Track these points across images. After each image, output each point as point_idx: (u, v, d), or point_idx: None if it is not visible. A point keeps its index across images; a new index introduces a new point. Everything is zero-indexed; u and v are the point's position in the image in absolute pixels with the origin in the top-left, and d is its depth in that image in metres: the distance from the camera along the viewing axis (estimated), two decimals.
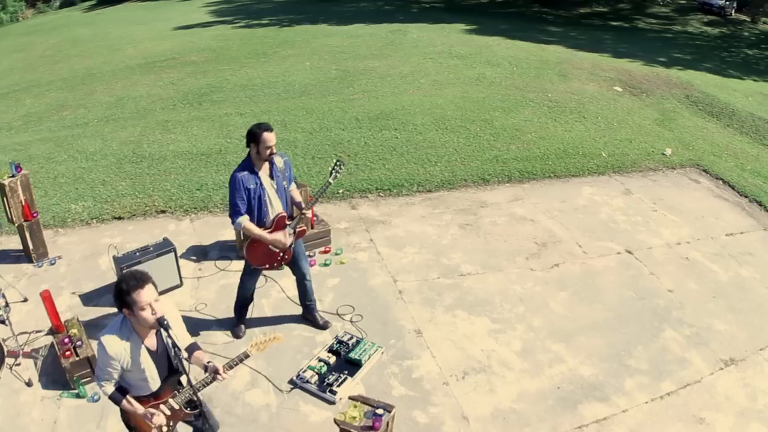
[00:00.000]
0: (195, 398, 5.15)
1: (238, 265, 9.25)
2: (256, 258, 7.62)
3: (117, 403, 5.18)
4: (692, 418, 6.85)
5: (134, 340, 5.01)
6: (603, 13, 30.74)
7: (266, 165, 7.30)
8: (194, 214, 11.50)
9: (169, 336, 4.92)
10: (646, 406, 6.99)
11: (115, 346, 4.93)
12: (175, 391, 5.37)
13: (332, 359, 7.71)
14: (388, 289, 9.06)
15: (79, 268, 10.06)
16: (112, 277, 9.09)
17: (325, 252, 9.94)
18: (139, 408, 5.21)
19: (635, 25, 28.92)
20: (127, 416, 5.42)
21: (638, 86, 17.39)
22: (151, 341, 5.11)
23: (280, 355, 7.94)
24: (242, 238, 8.12)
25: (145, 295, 4.77)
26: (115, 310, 5.46)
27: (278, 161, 7.39)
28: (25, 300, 9.47)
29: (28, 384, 7.98)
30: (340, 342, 7.94)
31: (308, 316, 8.42)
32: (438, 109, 15.50)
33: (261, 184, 7.25)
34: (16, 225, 10.42)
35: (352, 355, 7.65)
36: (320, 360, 7.70)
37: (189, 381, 5.07)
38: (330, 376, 7.40)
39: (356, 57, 21.49)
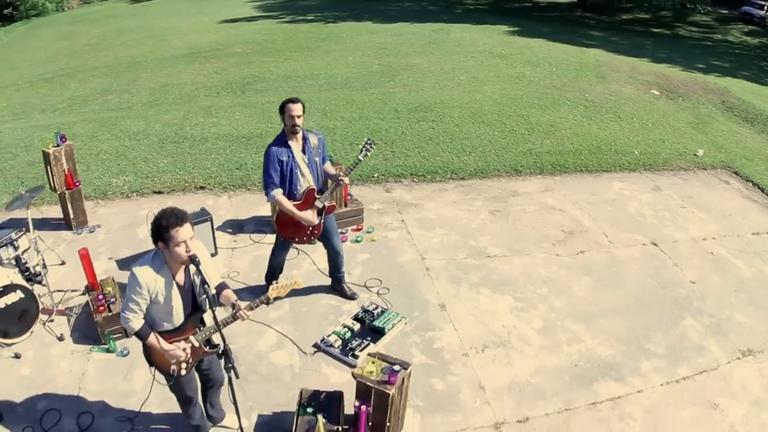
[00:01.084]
0: (219, 335, 5.26)
1: (272, 239, 9.39)
2: (285, 230, 7.80)
3: (143, 338, 5.34)
4: (706, 403, 6.85)
5: (165, 273, 5.19)
6: (645, 20, 30.54)
7: (299, 140, 7.47)
8: (232, 191, 11.72)
9: (200, 272, 5.07)
10: (661, 389, 7.01)
11: (147, 276, 5.10)
12: (197, 329, 5.52)
13: (356, 326, 7.86)
14: (415, 266, 9.19)
15: (117, 236, 10.29)
16: (149, 245, 9.32)
17: (358, 230, 10.08)
18: (164, 344, 5.36)
19: (676, 32, 28.71)
20: (149, 352, 5.58)
21: (675, 90, 17.30)
22: (180, 277, 5.28)
23: (306, 321, 8.12)
24: (276, 210, 8.26)
25: (183, 232, 4.95)
26: None
27: (312, 139, 7.56)
28: (63, 263, 9.69)
29: (60, 338, 8.17)
30: (365, 311, 8.08)
31: (337, 287, 8.58)
32: (476, 104, 15.57)
33: (293, 158, 7.42)
34: (58, 193, 10.65)
35: (376, 323, 7.78)
36: (345, 326, 7.86)
37: (214, 318, 5.21)
38: (353, 342, 7.54)
39: (399, 53, 21.57)
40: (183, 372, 5.62)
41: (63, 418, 6.91)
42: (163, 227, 4.96)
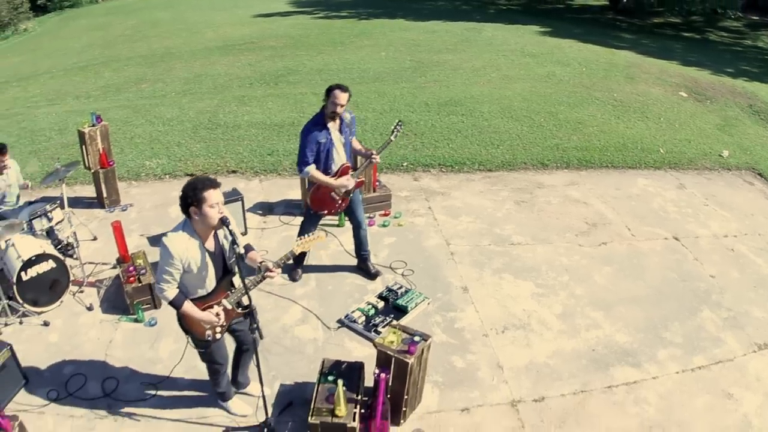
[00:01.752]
0: (246, 297, 5.40)
1: (300, 239, 9.57)
2: (317, 203, 7.96)
3: (178, 306, 5.48)
4: (721, 393, 6.88)
5: (195, 241, 5.33)
6: (676, 24, 30.34)
7: (336, 121, 7.63)
8: (263, 176, 11.93)
9: (231, 233, 5.21)
10: (677, 376, 7.05)
11: (178, 246, 5.25)
12: (228, 292, 5.65)
13: (380, 304, 8.01)
14: (440, 251, 9.31)
15: (149, 215, 10.52)
16: None
17: (385, 215, 10.22)
18: (198, 311, 5.51)
19: (706, 37, 28.49)
20: (183, 320, 5.72)
21: (703, 93, 17.22)
22: (209, 243, 5.43)
23: (331, 298, 8.28)
24: (306, 187, 8.41)
25: (216, 195, 5.10)
26: None
27: (346, 116, 7.73)
28: (95, 238, 9.89)
29: (89, 308, 8.35)
30: (390, 290, 8.22)
31: (362, 266, 8.73)
32: (505, 100, 15.62)
33: (330, 139, 7.60)
34: (92, 171, 10.84)
35: (399, 301, 7.92)
36: (369, 304, 8.00)
37: (242, 279, 5.35)
38: (376, 319, 7.68)
39: (431, 50, 21.60)
40: (218, 336, 5.77)
41: (88, 382, 7.09)
42: (198, 189, 5.11)
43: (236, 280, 5.65)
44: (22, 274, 8.07)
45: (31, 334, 7.95)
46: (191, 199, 5.16)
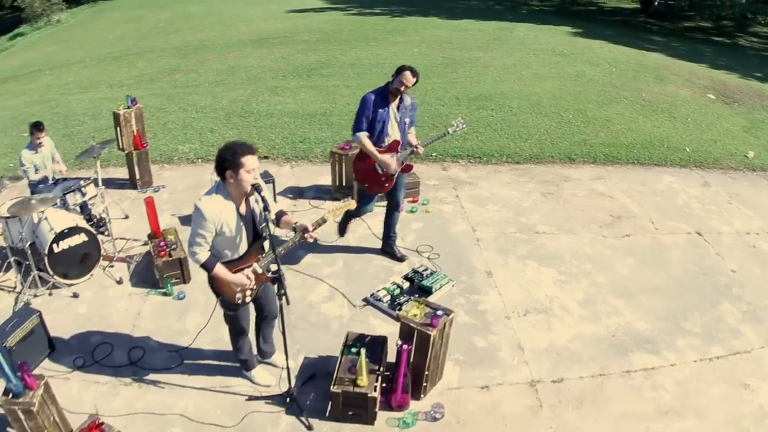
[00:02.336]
0: (276, 262, 5.50)
1: (331, 205, 9.66)
2: (360, 172, 8.06)
3: (209, 269, 5.58)
4: (737, 383, 6.87)
5: (228, 205, 5.43)
6: (706, 29, 30.11)
7: (396, 99, 7.71)
8: (295, 162, 12.08)
9: (263, 198, 5.32)
10: (695, 365, 7.06)
11: (211, 209, 5.34)
12: (259, 256, 5.75)
13: (406, 284, 8.11)
14: (466, 237, 9.39)
15: (181, 196, 10.69)
16: None
17: (413, 201, 10.29)
18: (229, 274, 5.61)
19: (736, 41, 28.25)
20: (214, 283, 5.84)
21: (731, 96, 17.12)
22: (242, 207, 5.53)
23: (357, 278, 8.39)
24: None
25: (253, 161, 5.21)
26: None
27: (406, 99, 7.84)
28: (126, 217, 10.06)
29: (119, 282, 8.49)
30: (415, 272, 8.32)
31: (387, 249, 8.83)
32: (535, 97, 15.64)
33: (387, 113, 7.70)
34: (126, 152, 11.00)
35: (424, 282, 8.01)
36: (394, 284, 8.10)
37: (272, 244, 5.45)
38: (401, 298, 7.77)
39: (463, 48, 21.62)
40: (248, 299, 5.88)
41: (115, 350, 7.24)
42: (237, 154, 5.20)
43: (267, 245, 5.73)
44: (54, 246, 8.19)
45: (60, 305, 8.11)
46: (228, 163, 5.24)
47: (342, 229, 8.99)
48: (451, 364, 6.90)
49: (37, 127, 9.13)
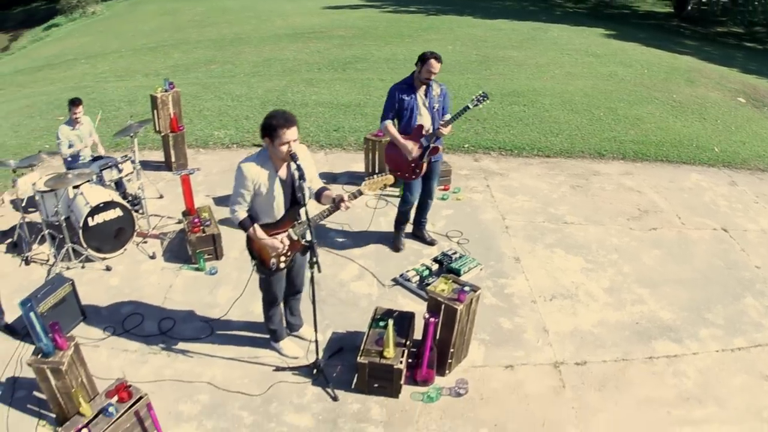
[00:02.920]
0: (310, 230, 5.58)
1: (368, 180, 9.74)
2: (390, 160, 8.09)
3: (246, 228, 5.74)
4: (758, 374, 6.81)
5: (269, 168, 5.57)
6: (739, 34, 29.76)
7: (422, 87, 7.75)
8: (328, 149, 12.24)
9: (299, 167, 5.40)
10: (716, 354, 7.01)
11: (252, 169, 5.51)
12: (294, 223, 5.83)
13: (435, 266, 8.15)
14: (496, 224, 9.42)
15: (215, 179, 10.82)
16: None
17: (445, 189, 10.32)
18: (264, 236, 5.72)
19: None
20: (250, 243, 5.97)
21: (761, 100, 16.98)
22: (282, 172, 5.65)
23: (388, 259, 8.48)
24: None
25: (289, 134, 5.33)
26: None
27: (435, 87, 7.85)
28: (161, 197, 10.18)
29: (152, 257, 8.60)
30: (445, 255, 8.37)
31: (417, 233, 8.88)
32: (567, 95, 15.62)
33: (415, 99, 7.74)
34: (162, 135, 11.12)
35: (453, 265, 8.05)
36: (424, 265, 8.14)
37: (306, 213, 5.56)
38: (430, 279, 7.80)
39: (497, 46, 21.61)
40: (282, 265, 5.96)
41: (145, 321, 7.36)
42: (272, 126, 5.35)
43: (303, 212, 5.79)
44: (89, 219, 8.30)
45: (93, 277, 8.24)
46: (267, 131, 5.42)
47: (396, 243, 8.86)
48: (477, 343, 6.95)
49: (73, 103, 9.26)
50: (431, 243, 8.78)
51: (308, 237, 5.74)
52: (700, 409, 6.22)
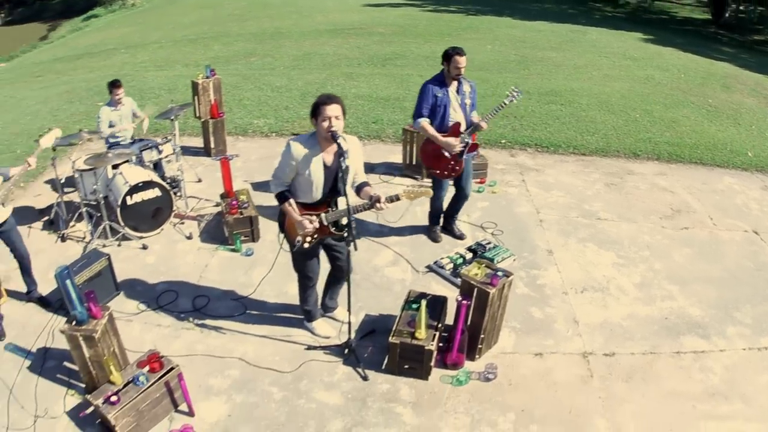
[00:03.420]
0: (348, 217, 5.58)
1: (401, 181, 9.90)
2: (428, 158, 8.06)
3: (281, 201, 5.80)
4: None
5: (315, 150, 5.63)
6: None
7: (454, 83, 7.73)
8: (367, 141, 12.26)
9: (339, 146, 5.46)
10: (743, 352, 6.93)
11: (298, 148, 5.58)
12: (329, 209, 5.86)
13: (468, 255, 8.13)
14: (530, 217, 9.39)
15: (254, 165, 10.90)
16: None
17: (481, 182, 10.30)
18: (296, 213, 5.76)
19: None
20: (283, 218, 6.03)
21: None
22: (328, 157, 5.69)
23: (422, 248, 8.51)
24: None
25: (330, 110, 5.40)
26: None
27: (465, 85, 7.84)
28: (199, 180, 10.26)
29: (188, 237, 8.67)
30: (479, 244, 8.37)
31: (447, 227, 8.86)
32: (604, 95, 15.50)
33: (447, 96, 7.71)
34: (202, 120, 11.18)
35: (487, 254, 8.04)
36: (458, 254, 8.16)
37: (347, 202, 5.57)
38: (463, 267, 7.78)
39: (535, 47, 21.47)
40: (306, 245, 5.96)
41: (179, 298, 7.45)
42: (319, 103, 5.46)
43: (341, 201, 5.83)
44: (127, 198, 8.36)
45: (129, 255, 8.34)
46: (312, 110, 5.54)
47: (433, 235, 8.87)
48: (508, 330, 6.94)
49: (114, 84, 9.31)
50: (460, 237, 8.77)
51: (341, 224, 5.86)
52: (726, 405, 6.15)
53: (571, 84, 16.62)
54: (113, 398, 5.41)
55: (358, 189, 5.92)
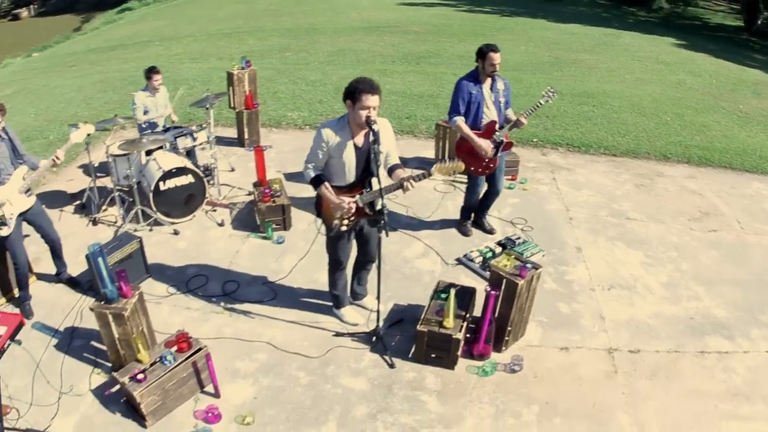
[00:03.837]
0: (380, 198, 5.60)
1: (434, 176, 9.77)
2: (463, 155, 7.93)
3: (316, 185, 5.80)
4: None
5: (345, 133, 5.64)
6: None
7: (488, 80, 7.67)
8: (400, 136, 12.23)
9: (374, 132, 5.45)
10: (767, 355, 6.85)
11: (329, 132, 5.60)
12: (363, 190, 5.85)
13: (498, 249, 8.10)
14: (560, 215, 9.33)
15: (287, 156, 10.93)
16: None
17: (512, 179, 10.24)
18: (332, 196, 5.76)
19: None
20: (319, 202, 6.05)
21: None
22: (359, 139, 5.69)
23: (452, 241, 8.50)
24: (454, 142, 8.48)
25: (371, 100, 5.40)
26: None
27: (499, 82, 7.76)
28: (233, 170, 10.28)
29: (220, 224, 8.69)
30: (508, 239, 8.35)
31: (478, 222, 8.82)
32: (636, 98, 15.38)
33: (482, 93, 7.65)
34: (237, 111, 11.20)
35: (516, 249, 8.00)
36: (488, 247, 8.13)
37: (379, 182, 5.55)
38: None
39: (569, 49, 21.34)
40: (343, 228, 5.97)
41: (209, 282, 7.49)
42: (357, 90, 5.41)
43: (374, 182, 5.80)
44: (160, 184, 8.39)
45: (160, 240, 8.39)
46: (350, 94, 5.49)
47: (464, 229, 8.84)
48: (534, 324, 6.91)
49: (152, 71, 9.36)
50: (490, 232, 8.73)
51: (376, 206, 5.82)
52: (748, 405, 6.07)
53: (603, 86, 16.50)
54: (140, 376, 5.45)
55: (390, 171, 5.90)
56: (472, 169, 8.05)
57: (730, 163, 12.05)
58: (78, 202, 9.30)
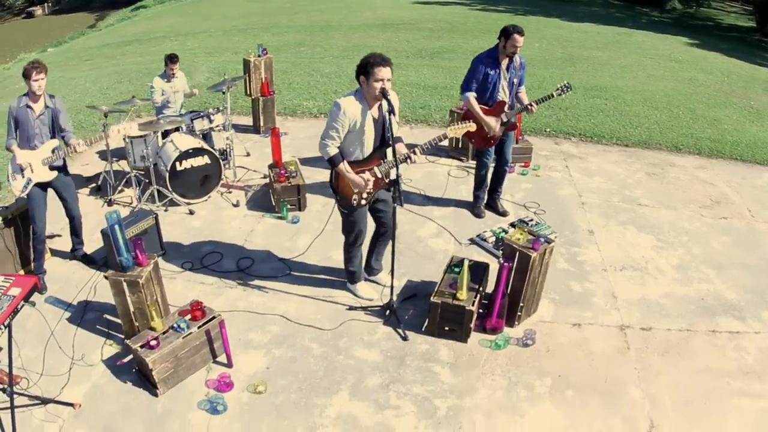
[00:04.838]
0: (395, 168, 5.65)
1: (446, 161, 9.86)
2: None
3: (336, 163, 5.81)
4: None
5: (364, 106, 5.66)
6: None
7: (506, 60, 7.65)
8: (414, 124, 12.36)
9: (389, 102, 5.49)
10: None
11: (348, 105, 5.61)
12: (381, 161, 5.88)
13: (511, 230, 8.06)
14: (572, 200, 9.32)
15: (301, 143, 10.97)
16: None
17: (525, 166, 10.24)
18: (351, 173, 5.81)
19: None
20: (335, 181, 6.05)
21: None
22: (375, 111, 5.73)
23: (465, 222, 8.52)
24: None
25: (385, 72, 5.46)
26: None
27: (516, 59, 7.72)
28: (248, 154, 10.33)
29: (235, 205, 8.73)
30: (521, 221, 8.34)
31: (491, 203, 8.82)
32: (648, 93, 15.32)
33: (499, 73, 7.64)
34: (252, 98, 11.23)
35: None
36: (501, 228, 8.12)
37: (394, 152, 5.65)
38: None
39: (581, 47, 21.28)
40: (363, 203, 6.02)
41: (224, 259, 7.53)
42: (369, 63, 5.47)
43: (389, 152, 5.88)
44: (177, 164, 8.42)
45: (175, 219, 8.44)
46: (363, 69, 5.54)
47: (477, 211, 8.84)
48: (547, 301, 6.90)
49: (171, 59, 9.45)
50: (503, 214, 8.72)
51: (392, 175, 5.81)
52: (759, 384, 6.03)
53: (615, 81, 16.45)
54: (153, 342, 5.46)
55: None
56: (473, 141, 8.13)
57: (741, 155, 11.99)
58: (93, 185, 9.34)
